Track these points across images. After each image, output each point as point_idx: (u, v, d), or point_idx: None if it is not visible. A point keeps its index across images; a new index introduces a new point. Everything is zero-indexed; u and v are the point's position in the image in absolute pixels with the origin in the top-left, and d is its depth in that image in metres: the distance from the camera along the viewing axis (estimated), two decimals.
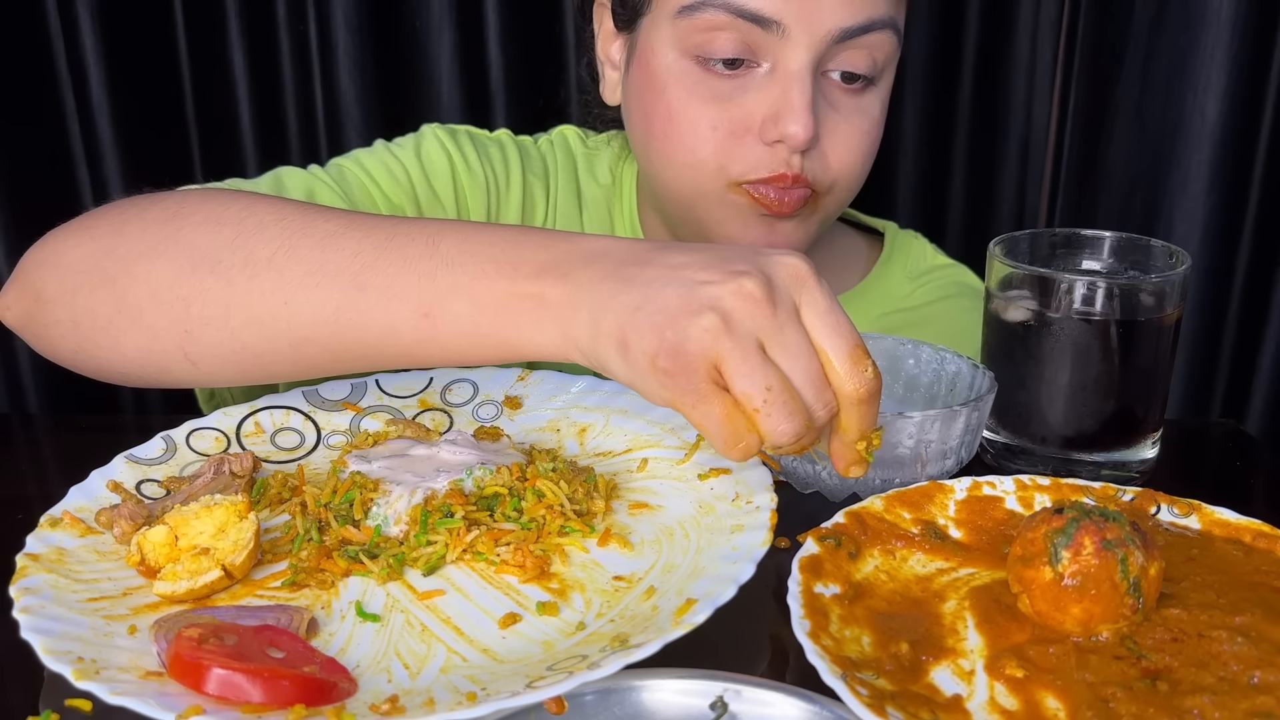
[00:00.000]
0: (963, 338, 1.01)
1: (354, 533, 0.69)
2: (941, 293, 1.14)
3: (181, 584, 0.64)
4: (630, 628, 0.60)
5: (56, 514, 0.70)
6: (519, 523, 0.70)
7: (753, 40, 0.90)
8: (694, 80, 0.93)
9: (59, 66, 1.63)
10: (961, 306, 1.12)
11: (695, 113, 0.93)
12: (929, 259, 1.18)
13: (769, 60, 0.91)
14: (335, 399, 0.86)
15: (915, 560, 0.68)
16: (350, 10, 1.61)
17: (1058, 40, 1.63)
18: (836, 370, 0.63)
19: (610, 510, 0.73)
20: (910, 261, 1.17)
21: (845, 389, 0.64)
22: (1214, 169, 1.61)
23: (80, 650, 0.57)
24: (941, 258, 1.19)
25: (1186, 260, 0.82)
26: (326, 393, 0.86)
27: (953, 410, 0.74)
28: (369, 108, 1.66)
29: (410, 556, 0.68)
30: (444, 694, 0.55)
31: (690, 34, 0.92)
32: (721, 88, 0.92)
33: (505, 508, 0.71)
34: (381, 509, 0.70)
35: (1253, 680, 0.56)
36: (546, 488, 0.72)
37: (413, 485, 0.71)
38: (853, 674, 0.55)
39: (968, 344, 0.92)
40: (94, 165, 1.66)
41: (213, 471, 0.75)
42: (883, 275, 1.16)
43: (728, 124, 0.92)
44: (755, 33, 0.89)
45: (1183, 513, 0.71)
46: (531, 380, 0.88)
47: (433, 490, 0.71)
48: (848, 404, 0.64)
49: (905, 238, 1.19)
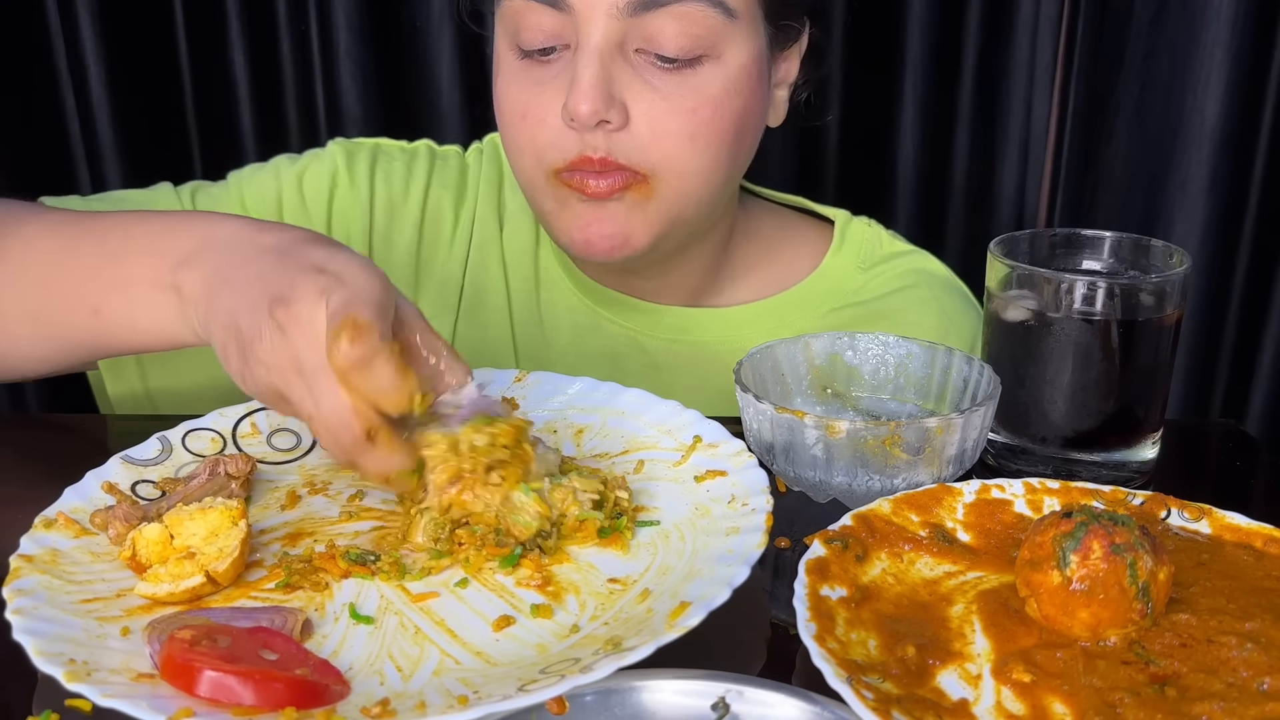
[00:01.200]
0: (923, 331, 0.97)
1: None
2: (899, 283, 1.08)
3: (163, 586, 0.63)
4: (624, 630, 0.60)
5: (51, 515, 0.70)
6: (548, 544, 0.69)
7: (554, 25, 0.88)
8: (515, 70, 0.92)
9: (59, 66, 1.63)
10: (920, 298, 1.07)
11: (512, 101, 0.92)
12: (884, 246, 1.11)
13: (573, 42, 0.89)
14: None
15: (923, 563, 0.67)
16: (350, 10, 1.61)
17: (1058, 40, 1.62)
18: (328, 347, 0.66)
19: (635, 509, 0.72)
20: (863, 250, 1.10)
21: (333, 362, 0.65)
22: (1214, 169, 1.61)
23: (72, 652, 0.57)
24: (899, 244, 1.12)
25: (1186, 260, 0.81)
26: None
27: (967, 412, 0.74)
28: (369, 107, 1.66)
29: (427, 565, 0.67)
30: (436, 697, 0.55)
31: (506, 23, 0.92)
32: (538, 75, 0.91)
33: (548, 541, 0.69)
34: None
35: (1262, 686, 0.55)
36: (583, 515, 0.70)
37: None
38: (858, 677, 0.54)
39: (930, 337, 0.87)
40: (94, 165, 1.66)
41: (208, 473, 0.74)
42: (832, 266, 1.09)
43: (536, 111, 0.91)
44: (553, 16, 0.88)
45: (1193, 517, 0.70)
46: (529, 381, 0.88)
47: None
48: (340, 377, 0.65)
49: (857, 225, 1.12)
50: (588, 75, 0.86)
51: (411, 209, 1.09)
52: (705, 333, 1.07)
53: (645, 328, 1.07)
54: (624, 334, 1.07)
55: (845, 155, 1.70)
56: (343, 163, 1.08)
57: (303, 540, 0.71)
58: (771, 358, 0.84)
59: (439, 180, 1.10)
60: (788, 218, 1.13)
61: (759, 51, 0.93)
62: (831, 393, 0.86)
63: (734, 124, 0.92)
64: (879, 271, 1.09)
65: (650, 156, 0.90)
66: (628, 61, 0.89)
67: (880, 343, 0.86)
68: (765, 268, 1.10)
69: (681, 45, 0.88)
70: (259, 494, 0.76)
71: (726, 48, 0.90)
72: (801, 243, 1.12)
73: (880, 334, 0.86)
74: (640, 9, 0.86)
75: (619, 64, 0.88)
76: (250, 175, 1.09)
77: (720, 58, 0.90)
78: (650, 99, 0.89)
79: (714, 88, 0.90)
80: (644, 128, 0.89)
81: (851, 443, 0.73)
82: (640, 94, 0.89)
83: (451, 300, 1.09)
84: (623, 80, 0.88)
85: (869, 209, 1.18)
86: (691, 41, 0.88)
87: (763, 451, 0.77)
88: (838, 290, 1.08)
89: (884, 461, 0.74)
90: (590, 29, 0.87)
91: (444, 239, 1.10)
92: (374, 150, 1.10)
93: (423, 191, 1.09)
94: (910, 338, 0.86)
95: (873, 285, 1.08)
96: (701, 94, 0.90)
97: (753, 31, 0.92)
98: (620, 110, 0.88)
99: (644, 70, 0.89)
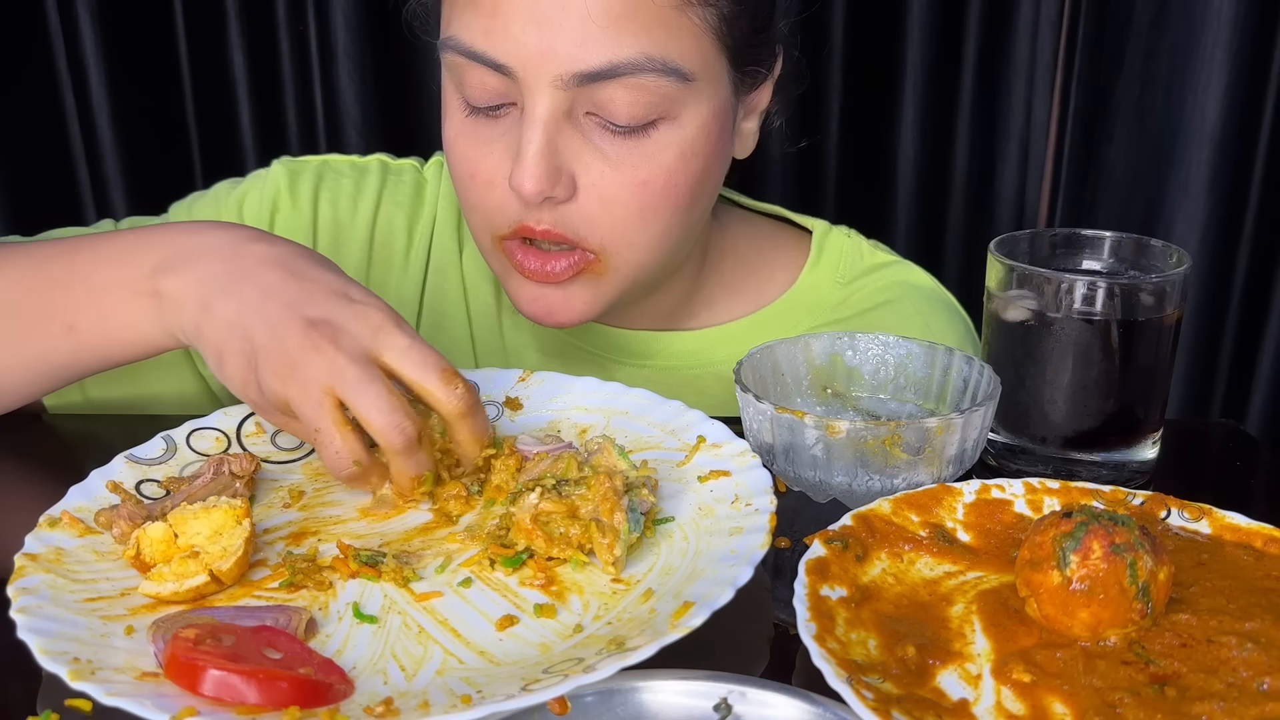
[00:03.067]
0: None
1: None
2: (880, 297, 1.02)
3: (167, 585, 0.63)
4: (627, 630, 0.60)
5: (55, 514, 0.70)
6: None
7: (500, 85, 0.82)
8: (462, 124, 0.87)
9: (59, 66, 1.63)
10: (902, 312, 1.01)
11: (460, 158, 0.87)
12: (864, 258, 1.05)
13: (520, 103, 0.83)
14: None
15: (923, 563, 0.67)
16: (350, 10, 1.61)
17: (1058, 40, 1.62)
18: (433, 394, 0.72)
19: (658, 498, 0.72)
20: (842, 263, 1.04)
21: (445, 409, 0.72)
22: (1214, 169, 1.61)
23: (76, 650, 0.57)
24: (881, 255, 1.06)
25: (1186, 260, 0.82)
26: None
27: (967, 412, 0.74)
28: (369, 108, 1.66)
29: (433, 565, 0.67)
30: (439, 696, 0.55)
31: (451, 73, 0.86)
32: (486, 133, 0.86)
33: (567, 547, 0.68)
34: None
35: (1262, 686, 0.55)
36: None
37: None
38: (858, 677, 0.54)
39: None
40: (94, 165, 1.66)
41: (212, 472, 0.74)
42: (810, 282, 1.04)
43: (484, 173, 0.86)
44: (497, 78, 0.82)
45: (1193, 517, 0.70)
46: (532, 381, 0.88)
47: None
48: (452, 420, 0.73)
49: (836, 236, 1.06)
50: (532, 150, 0.81)
51: (359, 229, 1.04)
52: (675, 357, 1.03)
53: (612, 353, 1.03)
54: (591, 359, 1.03)
55: (845, 156, 1.70)
56: (285, 183, 1.04)
57: (306, 539, 0.71)
58: (771, 358, 0.84)
59: (391, 197, 1.05)
60: (765, 230, 1.08)
61: (722, 105, 0.87)
62: (831, 393, 0.86)
63: (689, 188, 0.87)
64: (859, 285, 1.04)
65: (599, 232, 0.85)
66: (577, 128, 0.83)
67: (880, 343, 0.86)
68: (740, 286, 1.05)
69: (633, 113, 0.82)
70: (263, 493, 0.76)
71: (683, 110, 0.84)
72: (778, 257, 1.06)
73: (880, 334, 0.86)
74: (587, 80, 0.80)
75: (567, 132, 0.83)
76: (190, 205, 1.06)
77: (677, 119, 0.84)
78: (600, 169, 0.83)
79: (668, 154, 0.84)
80: (593, 202, 0.84)
81: (851, 443, 0.73)
82: (590, 164, 0.83)
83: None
84: (572, 149, 0.83)
85: (869, 210, 1.18)
86: (644, 109, 0.82)
87: (763, 452, 0.77)
88: (816, 306, 1.03)
89: (884, 461, 0.74)
90: (536, 98, 0.81)
91: (396, 260, 1.05)
92: (320, 168, 1.06)
93: (372, 210, 1.05)
94: (910, 338, 0.86)
95: (853, 300, 1.03)
96: (654, 162, 0.84)
97: (714, 88, 0.86)
98: (568, 183, 0.83)
99: (594, 135, 0.83)
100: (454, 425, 0.73)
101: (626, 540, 0.66)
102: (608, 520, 0.66)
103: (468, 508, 0.74)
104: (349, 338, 0.71)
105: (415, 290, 1.06)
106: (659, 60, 0.81)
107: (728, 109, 0.89)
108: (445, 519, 0.73)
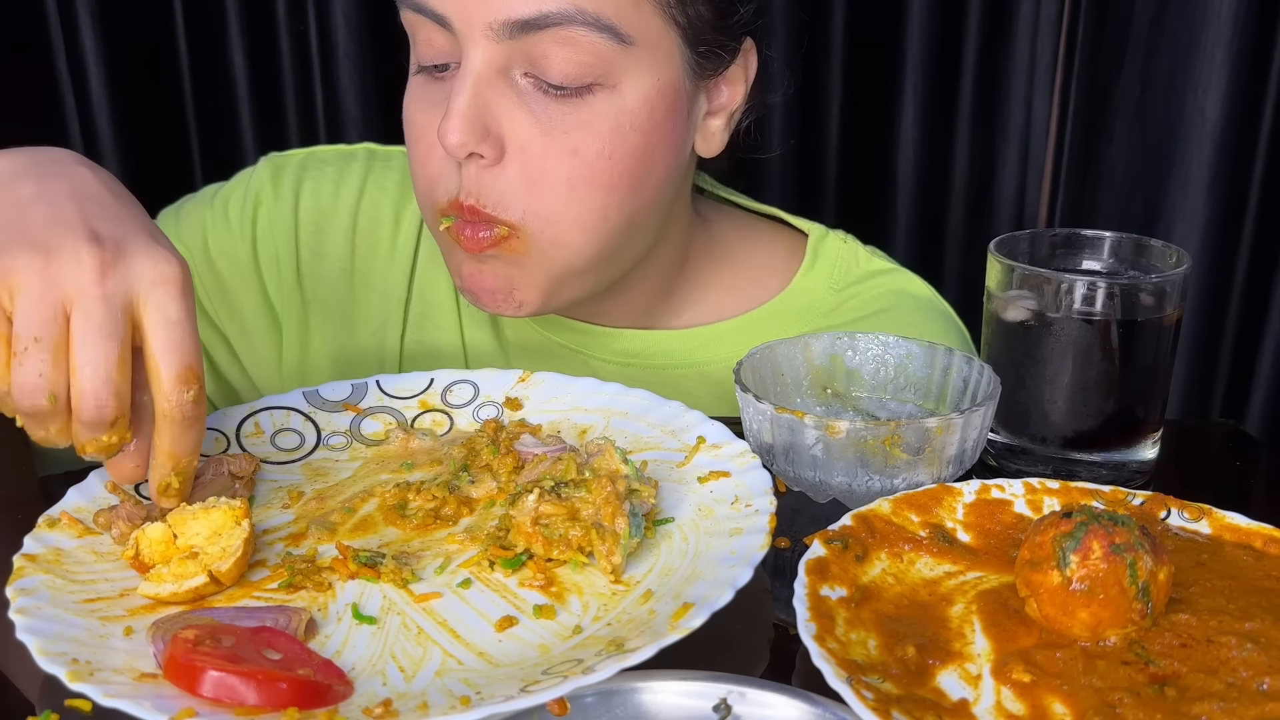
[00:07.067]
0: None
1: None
2: (875, 306, 1.00)
3: (166, 586, 0.63)
4: (627, 631, 0.60)
5: (54, 514, 0.70)
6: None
7: (444, 42, 0.82)
8: (415, 85, 0.86)
9: (59, 66, 1.63)
10: (896, 322, 0.99)
11: (409, 121, 0.87)
12: (860, 264, 1.03)
13: (459, 61, 0.82)
14: (335, 400, 0.85)
15: (922, 563, 0.67)
16: (350, 10, 1.61)
17: (1058, 40, 1.63)
18: (160, 383, 0.65)
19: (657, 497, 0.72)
20: (837, 269, 1.02)
21: (162, 405, 0.66)
22: (1214, 169, 1.61)
23: (75, 651, 0.57)
24: (878, 262, 1.04)
25: (1186, 260, 0.81)
26: (327, 394, 0.85)
27: (967, 412, 0.74)
28: (369, 108, 1.66)
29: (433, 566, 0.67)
30: (438, 697, 0.55)
31: (410, 34, 0.85)
32: (433, 94, 0.84)
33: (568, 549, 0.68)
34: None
35: (1262, 687, 0.55)
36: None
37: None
38: (858, 677, 0.54)
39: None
40: None
41: (211, 472, 0.74)
42: (803, 286, 1.02)
43: (428, 135, 0.84)
44: (441, 33, 0.81)
45: (1193, 517, 0.70)
46: (533, 381, 0.88)
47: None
48: (161, 420, 0.66)
49: (832, 241, 1.04)
50: (460, 102, 0.80)
51: (342, 215, 1.03)
52: (661, 356, 1.01)
53: (596, 351, 1.01)
54: (575, 358, 1.01)
55: (845, 156, 1.70)
56: (268, 179, 1.03)
57: (306, 540, 0.71)
58: (771, 358, 0.84)
59: (376, 183, 1.04)
60: (758, 230, 1.06)
61: (671, 82, 0.85)
62: (831, 393, 0.86)
63: (628, 165, 0.84)
64: (854, 293, 1.02)
65: (519, 203, 0.83)
66: (512, 87, 0.82)
67: (880, 343, 0.86)
68: (729, 286, 1.03)
69: (567, 72, 0.80)
70: (262, 494, 0.76)
71: (622, 78, 0.82)
72: (770, 258, 1.04)
73: (880, 334, 0.86)
74: (519, 30, 0.79)
75: (500, 89, 0.81)
76: (178, 208, 1.05)
77: (615, 88, 0.82)
78: (530, 134, 0.82)
79: (604, 123, 0.82)
80: (517, 169, 0.82)
81: (851, 443, 0.73)
82: (520, 125, 0.82)
83: (396, 314, 1.03)
84: (505, 109, 0.82)
85: (869, 210, 1.18)
86: (579, 69, 0.80)
87: (763, 452, 0.77)
88: (808, 311, 1.01)
89: (884, 461, 0.74)
90: (470, 50, 0.80)
91: (382, 247, 1.04)
92: (304, 160, 1.05)
93: (355, 196, 1.03)
94: (910, 338, 0.86)
95: (847, 308, 1.01)
96: (588, 130, 0.82)
97: (660, 60, 0.83)
98: (495, 143, 0.82)
99: (529, 97, 0.82)
100: (160, 427, 0.67)
101: (627, 545, 0.66)
102: (609, 525, 0.66)
103: (449, 522, 0.73)
104: (126, 271, 0.64)
105: (403, 278, 1.04)
106: (591, 15, 0.79)
107: (680, 91, 0.86)
108: (443, 521, 0.73)
